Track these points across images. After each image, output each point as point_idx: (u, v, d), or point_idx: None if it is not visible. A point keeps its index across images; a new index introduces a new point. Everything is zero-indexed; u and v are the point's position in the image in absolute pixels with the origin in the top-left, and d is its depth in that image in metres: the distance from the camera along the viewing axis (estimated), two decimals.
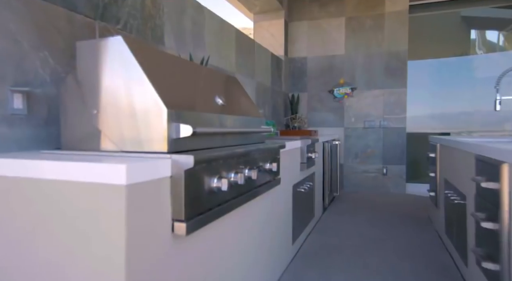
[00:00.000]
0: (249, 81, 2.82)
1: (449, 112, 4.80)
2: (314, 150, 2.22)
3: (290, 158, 1.82)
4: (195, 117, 0.93)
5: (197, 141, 0.94)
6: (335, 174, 3.21)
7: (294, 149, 1.90)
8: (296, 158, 1.94)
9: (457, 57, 4.67)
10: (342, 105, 3.82)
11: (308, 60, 3.93)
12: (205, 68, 1.27)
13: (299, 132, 3.10)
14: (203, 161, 0.82)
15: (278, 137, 2.08)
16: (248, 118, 1.34)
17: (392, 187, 3.67)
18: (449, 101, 4.72)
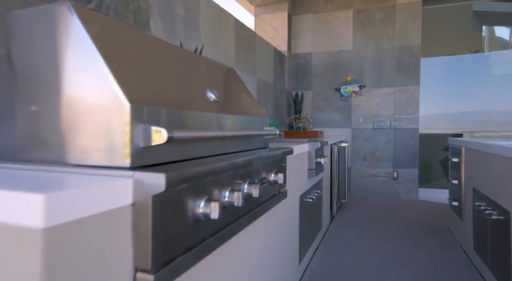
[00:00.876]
0: (250, 78, 2.57)
1: (461, 111, 4.54)
2: (323, 155, 1.96)
3: (297, 165, 1.56)
4: (175, 117, 0.68)
5: (178, 149, 0.68)
6: (343, 179, 2.95)
7: (301, 154, 1.65)
8: (303, 164, 1.68)
9: (470, 54, 4.41)
10: (349, 104, 3.57)
11: (313, 56, 3.68)
12: (193, 55, 1.01)
13: (304, 133, 2.85)
14: (180, 180, 0.57)
15: (282, 140, 1.83)
16: (248, 118, 1.09)
17: (404, 193, 3.41)
18: (461, 100, 4.46)
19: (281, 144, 1.54)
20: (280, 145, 1.48)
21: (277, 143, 1.64)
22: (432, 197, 3.44)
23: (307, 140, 1.75)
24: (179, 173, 0.56)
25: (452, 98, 4.44)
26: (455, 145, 2.15)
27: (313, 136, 2.81)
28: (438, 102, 4.40)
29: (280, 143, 1.64)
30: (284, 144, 1.56)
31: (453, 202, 2.11)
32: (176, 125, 0.68)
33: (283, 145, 1.51)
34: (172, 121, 0.67)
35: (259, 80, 2.78)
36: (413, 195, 3.38)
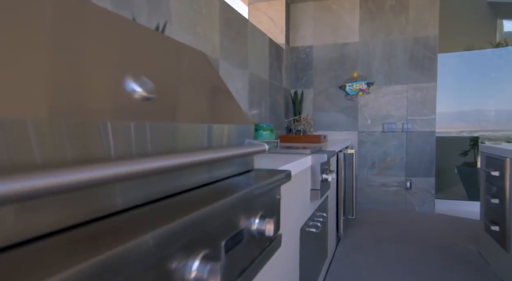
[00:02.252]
0: (240, 72, 2.14)
1: (477, 109, 4.12)
2: (330, 169, 1.54)
3: (296, 185, 1.15)
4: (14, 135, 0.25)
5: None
6: (350, 193, 2.53)
7: (302, 171, 1.23)
8: (305, 183, 1.26)
9: (487, 49, 4.00)
10: (355, 104, 3.15)
11: (315, 50, 3.26)
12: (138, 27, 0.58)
13: (305, 138, 2.43)
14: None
15: (277, 150, 1.41)
16: (219, 128, 0.67)
17: (418, 205, 2.99)
18: (478, 98, 4.04)
19: (274, 159, 1.11)
20: (273, 161, 1.06)
21: (270, 156, 1.22)
22: (450, 210, 3.03)
23: (310, 151, 1.33)
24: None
25: (468, 95, 4.02)
26: (495, 155, 1.73)
27: (315, 141, 2.39)
28: (452, 100, 3.98)
29: (273, 157, 1.22)
30: (279, 159, 1.14)
31: (492, 226, 1.68)
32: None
33: (277, 160, 1.08)
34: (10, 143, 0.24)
35: (252, 75, 2.35)
36: (429, 208, 2.96)
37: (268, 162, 1.02)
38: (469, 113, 4.12)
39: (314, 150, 1.39)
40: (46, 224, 0.31)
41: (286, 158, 1.20)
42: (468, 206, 3.15)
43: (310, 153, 1.33)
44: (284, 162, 1.05)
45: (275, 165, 0.96)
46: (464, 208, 3.12)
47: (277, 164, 0.99)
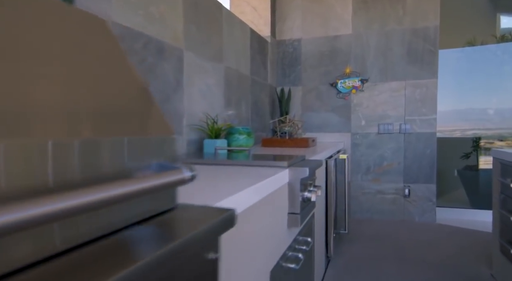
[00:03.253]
0: (212, 66, 1.83)
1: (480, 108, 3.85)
2: (314, 184, 1.24)
3: (265, 211, 0.83)
4: None
5: None
6: (342, 203, 2.23)
7: (276, 191, 0.92)
8: (280, 206, 0.95)
9: (488, 44, 3.73)
10: (348, 103, 2.85)
11: (304, 43, 2.95)
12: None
13: (291, 141, 2.12)
14: None
15: (249, 162, 1.09)
16: (108, 142, 0.35)
17: (418, 214, 2.70)
18: (480, 96, 3.77)
19: (234, 178, 0.80)
20: (229, 181, 0.75)
21: (232, 171, 0.91)
22: (452, 220, 2.75)
23: (287, 164, 1.02)
24: None
25: (469, 93, 3.74)
26: None
27: (302, 145, 2.08)
28: (452, 98, 3.71)
29: (237, 172, 0.90)
30: (243, 176, 0.83)
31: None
32: None
33: (238, 179, 0.77)
34: None
35: (228, 70, 2.04)
36: (430, 218, 2.67)
37: (219, 185, 0.71)
38: (470, 112, 3.85)
39: (293, 162, 1.08)
40: None
41: (254, 173, 0.89)
42: (471, 215, 2.87)
43: (287, 166, 1.02)
44: (248, 181, 0.74)
45: (228, 189, 0.65)
46: (467, 217, 2.84)
47: (235, 185, 0.68)
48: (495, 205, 1.68)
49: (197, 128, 1.61)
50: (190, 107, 1.58)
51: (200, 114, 1.68)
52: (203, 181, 0.78)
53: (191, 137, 1.59)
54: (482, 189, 3.25)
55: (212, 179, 0.80)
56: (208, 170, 0.96)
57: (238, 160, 1.09)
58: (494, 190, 1.69)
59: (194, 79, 1.63)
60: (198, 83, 1.66)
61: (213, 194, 0.62)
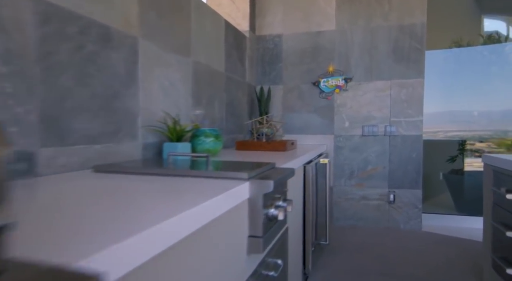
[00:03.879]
0: (177, 59, 1.62)
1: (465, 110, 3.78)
2: (286, 198, 1.05)
3: (218, 234, 0.64)
4: None
5: None
6: (323, 212, 2.06)
7: (232, 210, 0.72)
8: (237, 229, 0.76)
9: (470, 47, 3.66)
10: (331, 103, 2.69)
11: (285, 39, 2.77)
12: None
13: (267, 144, 1.94)
14: None
15: (202, 172, 0.89)
16: None
17: (403, 221, 2.56)
18: (465, 97, 3.69)
19: (176, 196, 0.60)
20: (171, 200, 0.54)
21: (179, 186, 0.70)
22: (438, 227, 2.62)
23: (248, 176, 0.83)
24: None
25: (454, 94, 3.66)
26: None
27: (279, 149, 1.90)
28: (435, 99, 3.61)
29: (189, 186, 0.70)
30: (191, 190, 0.63)
31: (509, 269, 1.24)
32: None
33: (181, 196, 0.57)
34: None
35: (198, 65, 1.83)
36: (416, 225, 2.54)
37: (147, 207, 0.51)
38: (454, 114, 3.77)
39: (256, 173, 0.88)
40: None
41: (206, 187, 0.69)
42: (457, 222, 2.76)
43: (248, 179, 0.83)
44: (193, 198, 0.54)
45: (159, 213, 0.45)
46: (453, 224, 2.73)
47: (172, 206, 0.48)
48: (486, 215, 1.54)
49: (155, 130, 1.40)
50: (148, 105, 1.37)
51: (162, 113, 1.47)
52: (130, 200, 0.58)
53: (149, 140, 1.38)
54: (468, 194, 3.16)
55: (145, 197, 0.60)
56: (147, 184, 0.76)
57: (189, 170, 0.89)
58: (486, 199, 1.54)
59: (154, 73, 1.42)
60: (159, 78, 1.45)
61: (130, 224, 0.42)
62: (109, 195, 0.64)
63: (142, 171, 0.93)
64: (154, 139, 1.41)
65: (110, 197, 0.62)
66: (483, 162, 1.57)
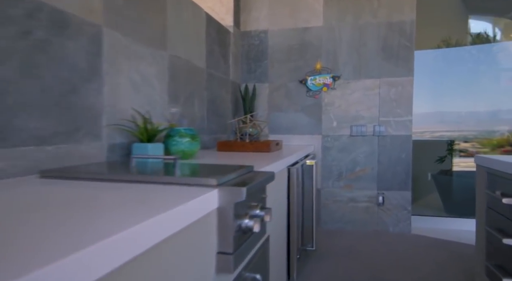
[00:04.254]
0: (152, 52, 1.49)
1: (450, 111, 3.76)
2: (264, 205, 0.94)
3: (179, 251, 0.51)
4: None
5: None
6: (309, 216, 1.95)
7: (197, 222, 0.60)
8: (203, 245, 0.64)
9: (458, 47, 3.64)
10: (319, 102, 2.59)
11: (270, 35, 2.67)
12: None
13: (251, 145, 1.82)
14: None
15: (166, 178, 0.77)
16: None
17: (392, 224, 2.49)
18: (451, 98, 3.67)
19: (129, 202, 0.47)
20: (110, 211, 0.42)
21: (141, 188, 0.58)
22: (428, 230, 2.55)
23: (217, 182, 0.71)
24: None
25: (442, 94, 3.63)
26: (510, 174, 1.21)
27: (263, 149, 1.79)
28: (422, 99, 3.57)
29: (140, 190, 0.58)
30: (147, 196, 0.50)
31: (506, 279, 1.16)
32: None
33: (132, 206, 0.45)
34: None
35: (175, 59, 1.71)
36: (405, 228, 2.46)
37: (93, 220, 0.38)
38: (441, 114, 3.74)
39: (228, 179, 0.77)
40: None
41: (168, 196, 0.57)
42: (446, 224, 2.70)
43: (216, 185, 0.71)
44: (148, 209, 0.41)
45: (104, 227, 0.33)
46: (442, 226, 2.67)
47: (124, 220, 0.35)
48: (479, 219, 1.46)
49: (123, 129, 1.26)
50: (115, 102, 1.24)
51: (131, 111, 1.33)
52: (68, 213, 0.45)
53: (116, 140, 1.24)
54: (457, 195, 3.11)
55: (87, 209, 0.47)
56: (95, 192, 0.63)
57: (150, 176, 0.77)
58: (478, 202, 1.46)
59: (122, 66, 1.29)
60: (128, 72, 1.32)
61: (55, 245, 0.30)
62: (43, 206, 0.52)
63: (94, 176, 0.80)
64: (123, 139, 1.28)
65: (43, 209, 0.50)
66: (476, 163, 1.49)
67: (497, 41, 3.46)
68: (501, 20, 4.12)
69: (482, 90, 3.49)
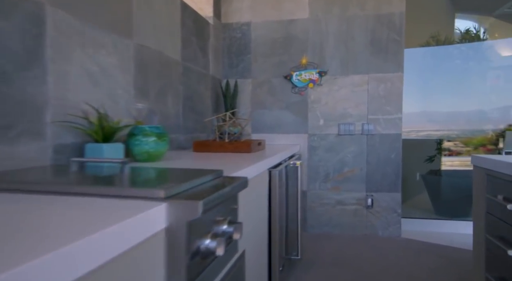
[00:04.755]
0: (114, 39, 1.30)
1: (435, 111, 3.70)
2: (234, 219, 0.77)
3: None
4: None
5: None
6: (294, 221, 1.80)
7: (137, 246, 0.43)
8: (144, 278, 0.47)
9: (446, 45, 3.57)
10: (305, 99, 2.45)
11: (254, 28, 2.50)
12: None
13: (230, 145, 1.66)
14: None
15: (104, 189, 0.60)
16: None
17: (382, 228, 2.37)
18: (437, 97, 3.60)
19: (47, 222, 0.30)
20: None
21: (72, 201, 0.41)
22: (418, 233, 2.44)
23: (164, 194, 0.55)
24: None
25: (426, 93, 3.55)
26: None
27: (243, 150, 1.63)
28: (410, 97, 3.48)
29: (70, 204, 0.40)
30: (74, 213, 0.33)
31: None
32: None
33: (51, 227, 0.27)
34: None
35: (143, 49, 1.52)
36: (395, 231, 2.35)
37: None
38: (429, 113, 3.67)
39: (177, 191, 0.60)
40: None
41: (95, 214, 0.40)
42: (436, 226, 2.60)
43: (164, 199, 0.54)
44: (63, 231, 0.24)
45: None
46: (433, 229, 2.56)
47: None
48: (477, 226, 1.34)
49: (73, 127, 1.08)
50: (64, 95, 1.05)
51: (85, 106, 1.15)
52: None
53: (67, 140, 1.06)
54: (447, 196, 3.02)
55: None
56: (11, 206, 0.46)
57: (79, 187, 0.59)
58: (476, 207, 1.34)
59: (74, 53, 1.10)
60: (82, 60, 1.13)
61: None
62: None
63: (15, 186, 0.62)
64: (75, 139, 1.09)
65: None
66: (473, 164, 1.37)
67: (484, 39, 3.41)
68: (487, 19, 4.08)
69: (469, 89, 3.43)
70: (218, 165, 1.07)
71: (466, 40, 3.22)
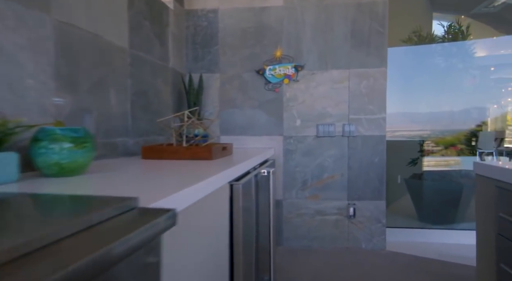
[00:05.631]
0: (22, 11, 0.96)
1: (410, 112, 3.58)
2: (155, 277, 0.48)
3: None
4: None
5: None
6: (265, 237, 1.52)
7: None
8: None
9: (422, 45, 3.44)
10: (279, 97, 2.18)
11: (221, 16, 2.20)
12: None
13: (186, 150, 1.35)
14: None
15: None
16: None
17: (365, 239, 2.13)
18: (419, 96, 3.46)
19: None
20: None
21: None
22: (404, 244, 2.23)
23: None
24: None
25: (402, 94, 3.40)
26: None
27: (203, 157, 1.33)
28: (397, 98, 3.32)
29: None
30: None
31: None
32: None
33: None
34: None
35: (68, 29, 1.19)
36: (379, 243, 2.12)
37: None
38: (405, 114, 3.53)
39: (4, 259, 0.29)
40: None
41: None
42: (423, 236, 2.40)
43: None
44: None
45: None
46: (420, 239, 2.37)
47: None
48: (484, 251, 1.10)
49: None
50: None
51: None
52: None
53: None
54: (430, 201, 2.85)
55: None
56: None
57: None
58: (482, 226, 1.11)
59: None
60: None
61: None
62: None
63: None
64: None
65: None
66: (476, 173, 1.14)
67: (468, 34, 3.29)
68: (465, 20, 3.99)
69: (444, 89, 3.31)
70: (150, 183, 0.77)
71: (450, 35, 3.08)
